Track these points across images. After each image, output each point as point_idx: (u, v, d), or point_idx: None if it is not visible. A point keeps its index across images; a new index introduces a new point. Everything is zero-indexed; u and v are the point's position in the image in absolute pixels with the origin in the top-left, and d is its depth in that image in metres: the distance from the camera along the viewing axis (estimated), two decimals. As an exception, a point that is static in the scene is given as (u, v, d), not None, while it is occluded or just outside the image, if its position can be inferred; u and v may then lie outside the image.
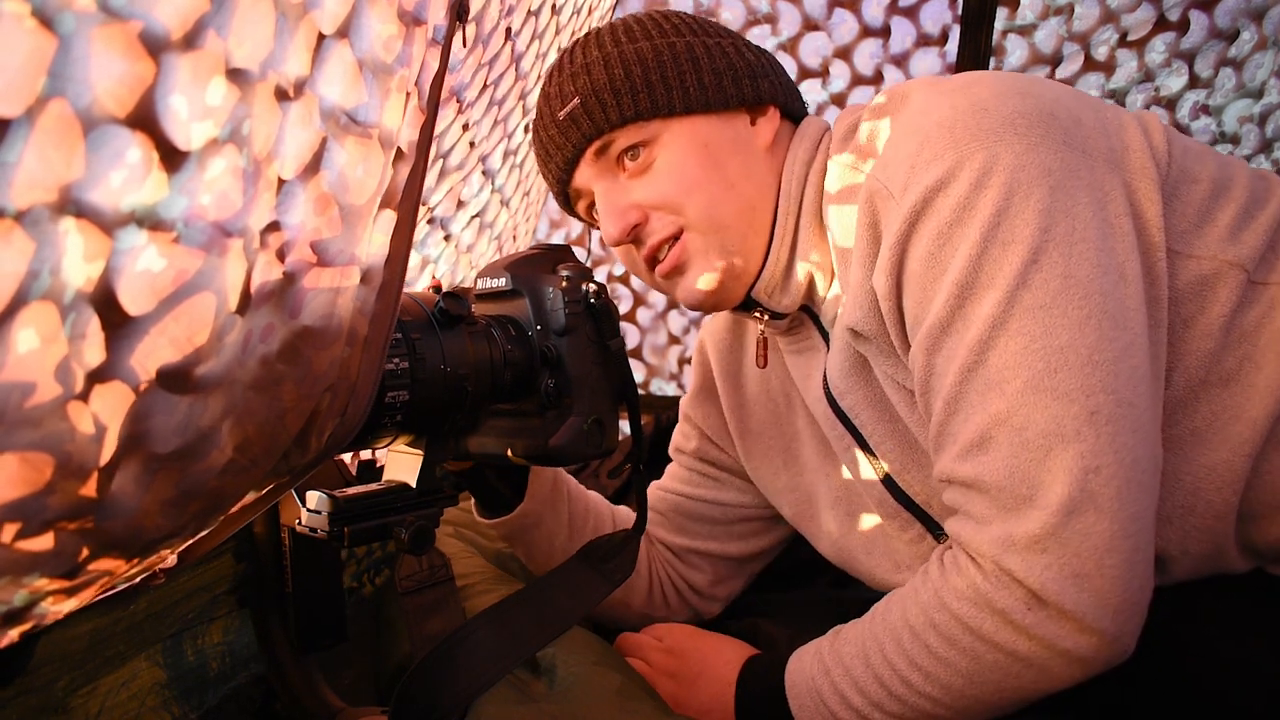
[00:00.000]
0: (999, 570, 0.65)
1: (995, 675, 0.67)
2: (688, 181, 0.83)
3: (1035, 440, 0.63)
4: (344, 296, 0.46)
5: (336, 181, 0.44)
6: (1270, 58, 1.57)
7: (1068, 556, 0.62)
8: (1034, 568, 0.63)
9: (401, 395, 0.63)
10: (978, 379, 0.66)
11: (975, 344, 0.66)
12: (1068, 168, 0.68)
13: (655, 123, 0.83)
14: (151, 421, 0.37)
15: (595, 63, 0.85)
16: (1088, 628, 0.63)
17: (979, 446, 0.66)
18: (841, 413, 0.88)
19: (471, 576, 1.01)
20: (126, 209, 0.34)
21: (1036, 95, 0.72)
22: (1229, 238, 0.73)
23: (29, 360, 0.32)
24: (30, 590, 0.38)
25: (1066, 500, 0.62)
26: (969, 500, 0.68)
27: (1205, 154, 0.78)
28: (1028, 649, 0.65)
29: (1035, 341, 0.64)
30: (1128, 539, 0.63)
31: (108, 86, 0.32)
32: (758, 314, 0.92)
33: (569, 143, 0.86)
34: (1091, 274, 0.66)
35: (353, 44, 0.43)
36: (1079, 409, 0.63)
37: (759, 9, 1.68)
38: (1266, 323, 0.72)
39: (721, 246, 0.84)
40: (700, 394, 1.09)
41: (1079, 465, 0.62)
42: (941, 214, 0.69)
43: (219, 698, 0.79)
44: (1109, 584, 0.62)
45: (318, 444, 0.49)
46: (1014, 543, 0.64)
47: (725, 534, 1.08)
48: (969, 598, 0.67)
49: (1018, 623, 0.64)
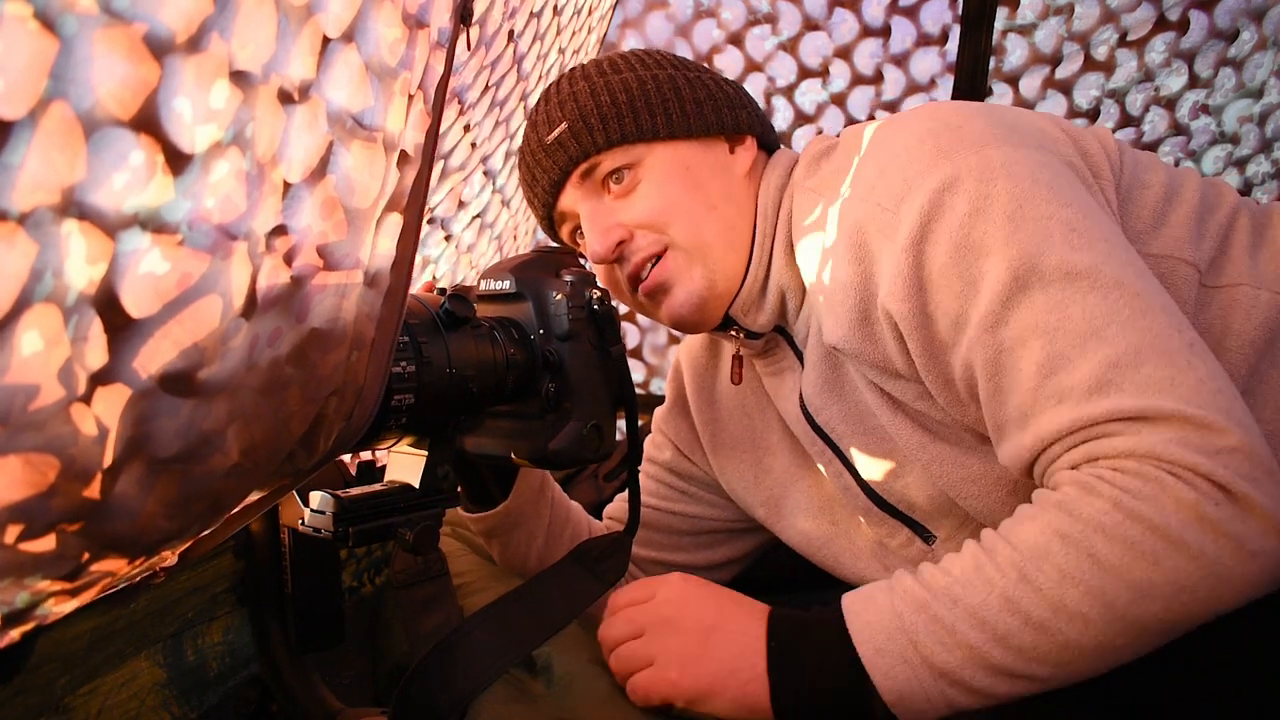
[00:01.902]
0: (1181, 467, 0.60)
1: (1169, 588, 0.59)
2: (671, 201, 0.87)
3: (1157, 372, 0.63)
4: (350, 300, 0.46)
5: (343, 185, 0.44)
6: (1270, 58, 1.57)
7: (1243, 459, 0.60)
8: (1218, 465, 0.59)
9: (407, 399, 0.63)
10: (1069, 335, 0.65)
11: (1052, 305, 0.66)
12: (1053, 164, 0.72)
13: (640, 146, 0.88)
14: (154, 424, 0.37)
15: (582, 91, 0.89)
16: (1276, 528, 0.59)
17: (1101, 390, 0.64)
18: (819, 429, 0.90)
19: (467, 574, 1.02)
20: (129, 211, 0.34)
21: (996, 112, 0.76)
22: (1186, 237, 0.77)
23: (32, 363, 0.32)
24: (32, 591, 0.38)
25: (1217, 413, 0.61)
26: (1110, 429, 0.64)
27: (1155, 164, 0.82)
28: (1215, 548, 0.59)
29: (1111, 291, 0.65)
30: (1266, 443, 0.62)
31: (110, 89, 0.32)
32: (734, 332, 0.95)
33: (556, 165, 0.89)
34: (1117, 242, 0.69)
35: (359, 47, 0.43)
36: (1179, 341, 0.64)
37: (759, 9, 1.68)
38: (1218, 321, 0.75)
39: (703, 264, 0.88)
40: (673, 409, 1.12)
41: (1208, 386, 0.62)
42: (957, 210, 0.70)
43: (219, 697, 0.79)
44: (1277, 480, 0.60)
45: (324, 447, 0.49)
46: (1189, 444, 0.60)
47: (692, 544, 1.10)
48: (1148, 495, 0.60)
49: (1209, 516, 0.59)
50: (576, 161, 0.88)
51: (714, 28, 1.72)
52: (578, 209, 0.90)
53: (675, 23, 1.72)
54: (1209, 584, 0.59)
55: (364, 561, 1.12)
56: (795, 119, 1.76)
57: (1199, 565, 0.59)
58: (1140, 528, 0.60)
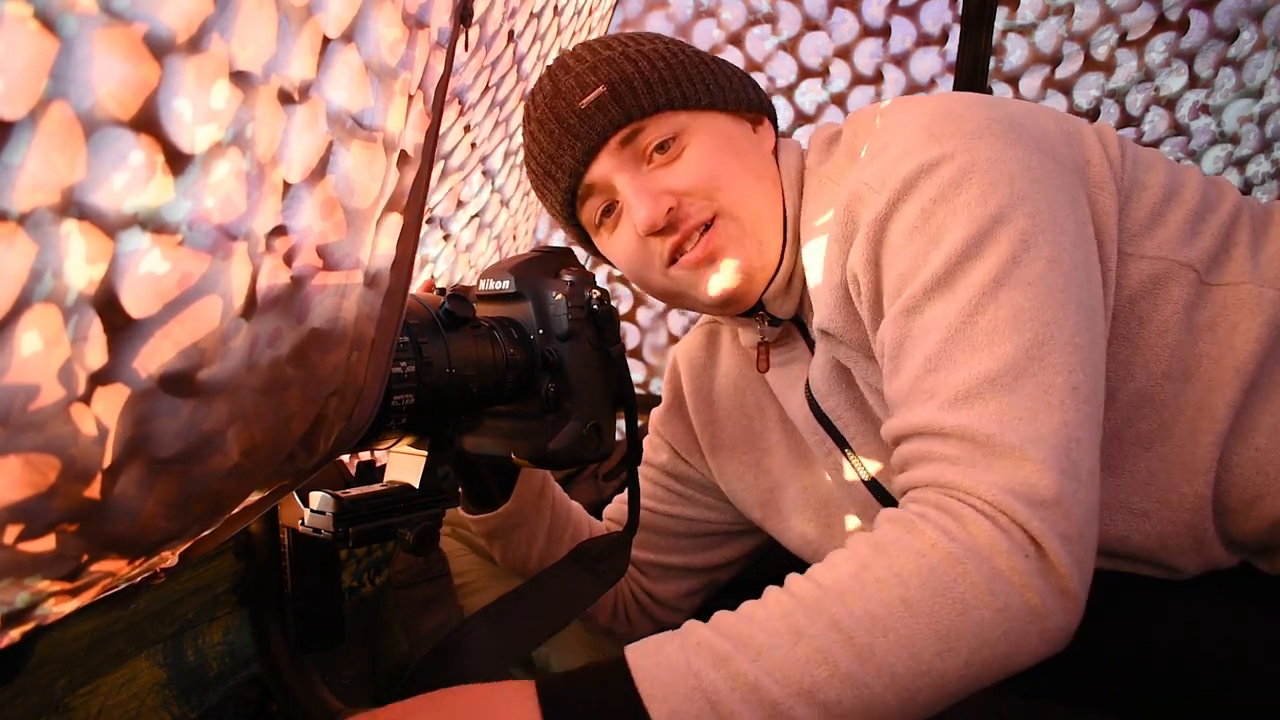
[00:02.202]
0: (999, 512, 0.60)
1: (973, 640, 0.58)
2: (720, 169, 0.84)
3: (1024, 401, 0.63)
4: (350, 300, 0.46)
5: (342, 185, 0.44)
6: (1270, 58, 1.57)
7: (1060, 516, 0.60)
8: (1035, 516, 0.59)
9: (407, 399, 0.63)
10: (965, 339, 0.66)
11: (966, 307, 0.66)
12: (1043, 167, 0.71)
13: (684, 114, 0.85)
14: (154, 425, 0.37)
15: (619, 56, 0.85)
16: (1070, 590, 0.60)
17: (966, 400, 0.64)
18: (824, 417, 0.90)
19: (467, 574, 1.02)
20: (129, 211, 0.34)
21: (1002, 106, 0.76)
22: (1179, 239, 0.76)
23: (32, 363, 0.32)
24: (32, 592, 0.38)
25: (1056, 463, 0.61)
26: (950, 447, 0.64)
27: (1156, 162, 0.81)
28: (1019, 601, 0.58)
29: (1024, 313, 0.65)
30: (1096, 519, 0.62)
31: (110, 89, 0.32)
32: (760, 316, 0.93)
33: (593, 130, 0.84)
34: (1072, 264, 0.68)
35: (359, 47, 0.43)
36: (1063, 381, 0.63)
37: (759, 9, 1.68)
38: (1221, 321, 0.75)
39: (755, 234, 0.85)
40: (670, 411, 1.10)
41: (1064, 434, 0.62)
42: (925, 193, 0.70)
43: (219, 697, 0.79)
44: (1085, 555, 0.61)
45: (324, 447, 0.49)
46: (1013, 489, 0.60)
47: (690, 546, 1.09)
48: (965, 540, 0.59)
49: (1018, 567, 0.58)
50: (618, 125, 0.83)
51: (714, 28, 1.72)
52: (613, 179, 0.85)
53: (675, 23, 1.73)
54: (1008, 640, 0.58)
55: (364, 561, 1.12)
56: (795, 119, 1.76)
57: (1002, 618, 0.58)
58: (953, 572, 0.58)
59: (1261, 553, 0.76)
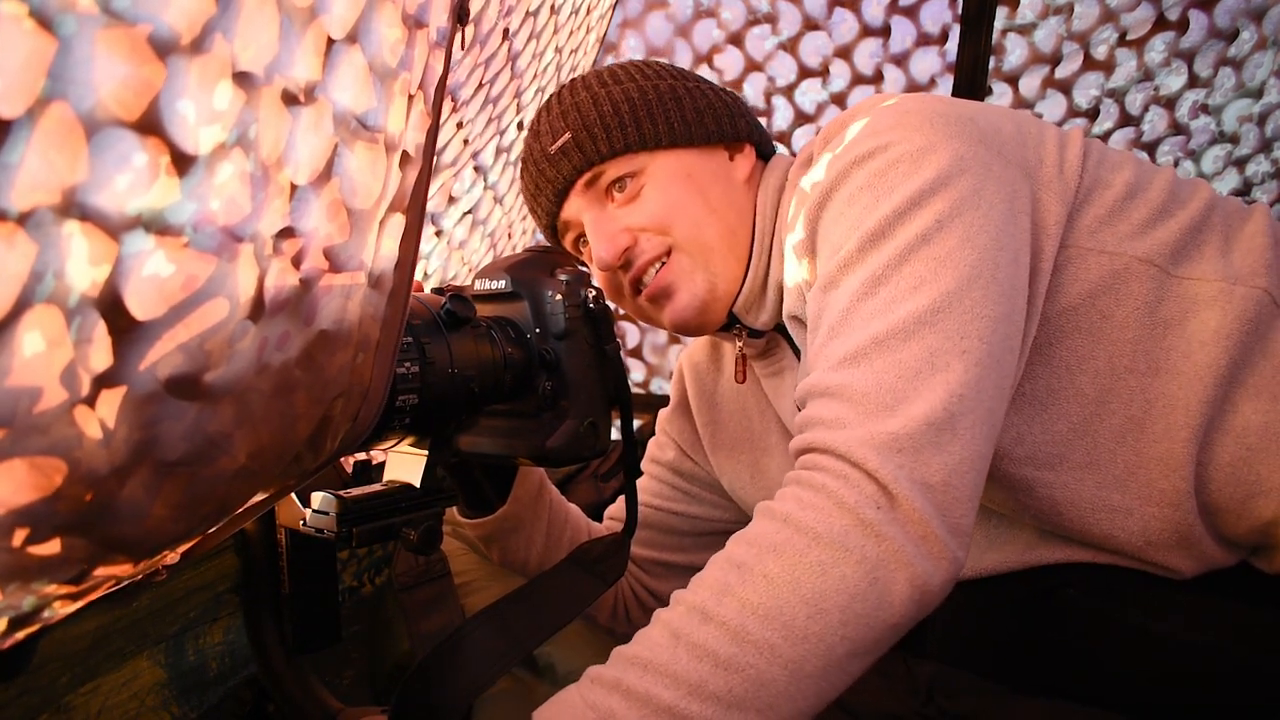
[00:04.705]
0: (851, 465, 0.61)
1: (840, 596, 0.57)
2: (674, 205, 0.89)
3: (908, 361, 0.64)
4: (354, 302, 0.46)
5: (347, 187, 0.44)
6: (1270, 57, 1.57)
7: (920, 463, 0.60)
8: (888, 464, 0.60)
9: (411, 399, 0.63)
10: (865, 307, 0.68)
11: (869, 279, 0.68)
12: (981, 160, 0.73)
13: (642, 155, 0.90)
14: (160, 427, 0.37)
15: (585, 101, 0.91)
16: (931, 535, 0.59)
17: (852, 361, 0.65)
18: None
19: (467, 574, 1.02)
20: (133, 212, 0.34)
21: (959, 104, 0.78)
22: (1136, 234, 0.78)
23: (35, 364, 0.32)
24: (39, 595, 0.38)
25: (928, 414, 0.61)
26: (827, 408, 0.65)
27: (1124, 163, 0.82)
28: (875, 553, 0.58)
29: (925, 284, 0.66)
30: (972, 471, 0.62)
31: (112, 89, 0.32)
32: (736, 330, 0.96)
33: (560, 175, 0.91)
34: (989, 245, 0.69)
35: (363, 48, 0.43)
36: (954, 346, 0.64)
37: (759, 8, 1.68)
38: (1190, 315, 0.76)
39: (706, 267, 0.90)
40: (676, 410, 1.14)
41: (945, 390, 0.62)
42: (855, 181, 0.73)
43: (218, 697, 0.79)
44: (951, 503, 0.61)
45: (330, 448, 0.48)
46: (872, 440, 0.61)
47: (693, 545, 1.11)
48: (814, 504, 0.60)
49: (867, 519, 0.59)
50: (581, 170, 0.90)
51: (714, 28, 1.72)
52: (581, 217, 0.93)
53: (675, 23, 1.72)
54: (876, 590, 0.58)
55: (364, 561, 1.12)
56: (795, 119, 1.76)
57: (863, 569, 0.58)
58: (805, 539, 0.59)
59: (1258, 552, 0.76)
